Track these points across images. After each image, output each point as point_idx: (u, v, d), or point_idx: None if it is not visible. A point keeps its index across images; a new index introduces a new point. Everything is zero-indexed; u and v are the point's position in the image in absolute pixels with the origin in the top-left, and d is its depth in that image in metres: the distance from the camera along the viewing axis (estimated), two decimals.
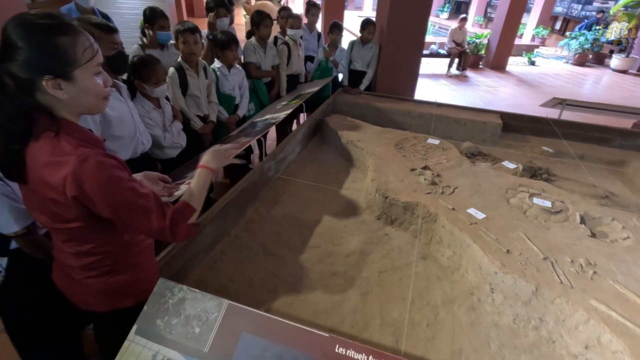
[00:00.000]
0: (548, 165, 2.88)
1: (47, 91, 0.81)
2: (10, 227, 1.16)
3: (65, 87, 0.83)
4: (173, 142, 2.18)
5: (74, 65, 0.83)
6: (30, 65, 0.79)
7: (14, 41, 0.77)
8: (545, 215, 1.98)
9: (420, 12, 3.52)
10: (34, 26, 0.78)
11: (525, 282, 1.53)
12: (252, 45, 3.07)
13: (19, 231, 1.18)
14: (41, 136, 0.84)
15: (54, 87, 0.81)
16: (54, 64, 0.80)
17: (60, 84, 0.82)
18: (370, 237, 2.07)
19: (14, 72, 0.78)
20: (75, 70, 0.83)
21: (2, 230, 1.17)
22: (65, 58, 0.81)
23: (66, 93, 0.83)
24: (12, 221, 1.15)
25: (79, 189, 0.82)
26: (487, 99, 6.39)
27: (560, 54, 10.90)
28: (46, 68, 0.80)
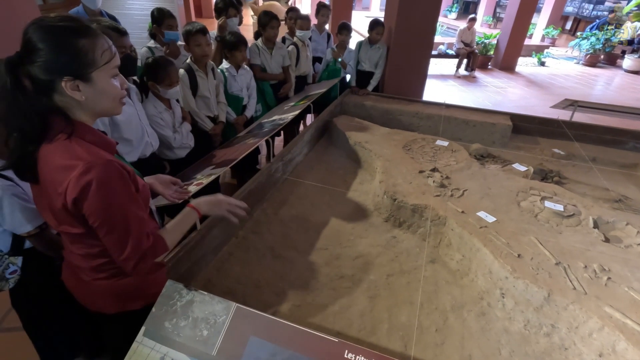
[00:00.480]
0: (559, 168, 2.83)
1: (66, 93, 0.82)
2: (23, 227, 1.18)
3: (83, 89, 0.83)
4: (182, 142, 2.19)
5: (92, 67, 0.83)
6: (50, 67, 0.79)
7: (35, 43, 0.78)
8: (557, 219, 1.95)
9: (430, 12, 3.49)
10: (54, 28, 0.79)
11: (537, 287, 1.50)
12: (256, 47, 3.06)
13: (32, 231, 1.19)
14: (55, 138, 0.84)
15: (73, 89, 0.82)
16: (73, 66, 0.81)
17: (79, 85, 0.83)
18: (378, 240, 2.05)
19: (34, 74, 0.79)
20: (93, 72, 0.84)
21: (16, 230, 1.18)
22: (84, 60, 0.82)
23: (84, 95, 0.84)
24: (24, 221, 1.17)
25: (79, 192, 0.82)
26: (496, 100, 6.32)
27: (571, 55, 10.75)
28: (65, 69, 0.80)
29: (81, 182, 0.81)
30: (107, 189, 0.85)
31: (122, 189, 0.89)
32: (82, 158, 0.83)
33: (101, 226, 0.87)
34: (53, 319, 1.45)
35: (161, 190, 1.23)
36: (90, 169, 0.82)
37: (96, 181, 0.82)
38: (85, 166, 0.82)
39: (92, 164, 0.82)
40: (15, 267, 1.28)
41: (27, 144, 0.84)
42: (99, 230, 0.88)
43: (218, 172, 1.79)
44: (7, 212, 1.14)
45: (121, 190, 0.88)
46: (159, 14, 2.67)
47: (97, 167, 0.83)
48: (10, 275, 1.28)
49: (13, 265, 1.28)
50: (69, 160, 0.82)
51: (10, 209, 1.14)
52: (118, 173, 0.87)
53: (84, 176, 0.81)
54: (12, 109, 0.79)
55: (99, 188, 0.83)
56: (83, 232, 0.91)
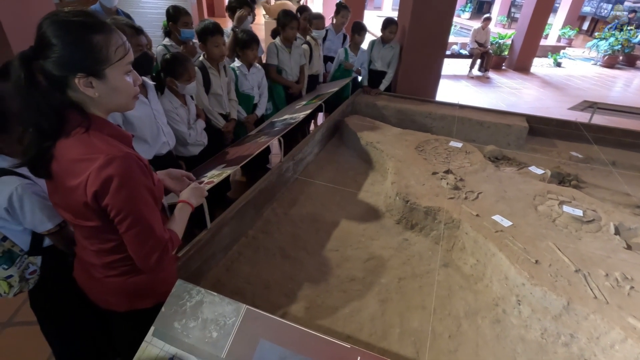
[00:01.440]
0: (577, 172, 2.75)
1: (78, 89, 0.81)
2: (43, 226, 1.17)
3: (96, 86, 0.82)
4: (196, 139, 2.19)
5: (106, 63, 0.82)
6: (64, 63, 0.78)
7: (49, 38, 0.76)
8: (576, 224, 1.88)
9: (444, 11, 3.42)
10: (69, 23, 0.77)
11: (556, 295, 1.45)
12: (275, 47, 3.04)
13: (52, 229, 1.18)
14: (72, 133, 0.83)
15: (86, 85, 0.81)
16: (86, 62, 0.79)
17: (92, 82, 0.81)
18: (390, 242, 2.01)
19: (48, 69, 0.78)
20: (107, 68, 0.82)
21: (37, 228, 1.17)
22: (98, 56, 0.80)
23: (97, 91, 0.83)
24: (45, 219, 1.16)
25: (101, 185, 0.81)
26: (510, 101, 6.19)
27: (588, 56, 10.49)
28: (79, 66, 0.79)
29: (102, 175, 0.80)
30: (130, 182, 0.84)
31: (142, 181, 0.88)
32: (102, 151, 0.81)
33: (123, 220, 0.86)
34: (71, 322, 1.45)
35: (172, 186, 1.22)
36: (111, 161, 0.81)
37: (118, 174, 0.81)
38: (105, 159, 0.80)
39: (112, 156, 0.81)
40: (34, 267, 1.28)
41: (43, 139, 0.82)
42: (121, 224, 0.87)
43: (229, 170, 1.78)
44: (27, 211, 1.13)
45: (142, 183, 0.87)
46: (174, 12, 2.67)
47: (118, 160, 0.81)
48: (30, 275, 1.28)
49: (32, 265, 1.28)
50: (88, 153, 0.81)
51: (31, 208, 1.13)
52: (138, 166, 0.86)
53: (105, 169, 0.80)
54: (27, 104, 0.78)
55: (121, 181, 0.82)
56: (99, 225, 0.90)
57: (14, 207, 1.11)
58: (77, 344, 1.51)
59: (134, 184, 0.86)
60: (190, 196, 1.14)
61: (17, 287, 1.27)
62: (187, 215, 1.11)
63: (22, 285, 1.28)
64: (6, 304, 1.96)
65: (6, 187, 1.09)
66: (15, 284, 1.26)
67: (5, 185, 1.10)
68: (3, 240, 1.20)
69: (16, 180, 1.11)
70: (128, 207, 0.86)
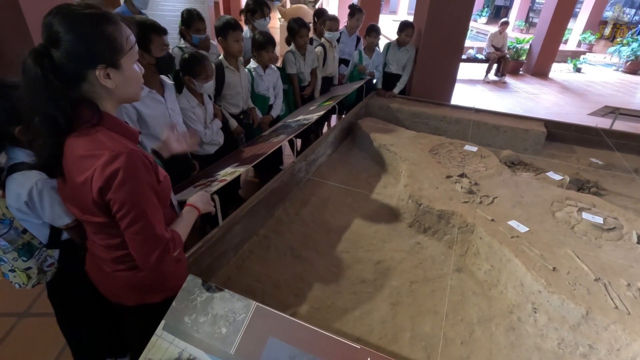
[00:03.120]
0: (597, 178, 2.67)
1: (97, 82, 0.81)
2: (61, 220, 1.19)
3: (113, 76, 0.83)
4: (212, 139, 2.21)
5: (121, 53, 0.83)
6: (81, 57, 0.78)
7: (62, 34, 0.76)
8: (596, 232, 1.82)
9: (461, 14, 3.38)
10: (81, 17, 0.78)
11: (574, 304, 1.40)
12: (292, 56, 3.07)
13: (70, 223, 1.21)
14: (80, 129, 0.84)
15: (105, 77, 0.82)
16: (104, 53, 0.80)
17: (110, 73, 0.82)
18: (402, 245, 1.98)
19: (62, 64, 0.78)
20: (122, 58, 0.83)
21: (55, 222, 1.20)
22: (114, 46, 0.81)
23: (114, 82, 0.84)
24: (63, 214, 1.18)
25: (105, 181, 0.81)
26: (527, 106, 6.07)
27: (610, 61, 10.23)
28: (98, 58, 0.80)
29: (107, 171, 0.81)
30: (133, 178, 0.84)
31: (146, 179, 0.88)
32: (107, 147, 0.82)
33: (125, 216, 0.86)
34: (85, 314, 1.47)
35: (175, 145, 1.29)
36: (116, 158, 0.81)
37: (122, 170, 0.81)
38: (110, 155, 0.81)
39: (117, 153, 0.81)
40: (52, 260, 1.31)
41: (57, 136, 0.83)
42: (122, 220, 0.87)
43: (241, 169, 1.79)
44: (47, 205, 1.15)
45: (145, 180, 0.87)
46: (188, 16, 2.71)
47: (122, 156, 0.82)
48: (47, 267, 1.31)
49: (50, 257, 1.31)
50: (93, 149, 0.82)
51: (50, 202, 1.15)
52: (142, 162, 0.86)
53: (109, 165, 0.81)
54: (41, 101, 0.78)
55: (125, 177, 0.82)
56: (106, 221, 0.90)
57: (33, 201, 1.13)
58: (91, 336, 1.53)
59: (137, 181, 0.85)
60: (198, 201, 1.14)
61: (36, 278, 1.30)
62: (193, 219, 1.11)
63: (40, 277, 1.31)
64: (24, 295, 2.01)
65: (27, 181, 1.12)
66: (34, 275, 1.29)
67: (26, 179, 1.12)
68: (23, 233, 1.24)
69: (36, 175, 1.13)
70: (130, 203, 0.85)
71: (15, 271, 1.27)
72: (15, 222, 1.21)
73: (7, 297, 2.02)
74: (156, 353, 1.00)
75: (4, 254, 1.23)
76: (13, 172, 1.14)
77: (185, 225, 1.06)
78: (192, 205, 1.11)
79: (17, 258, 1.24)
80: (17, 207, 1.15)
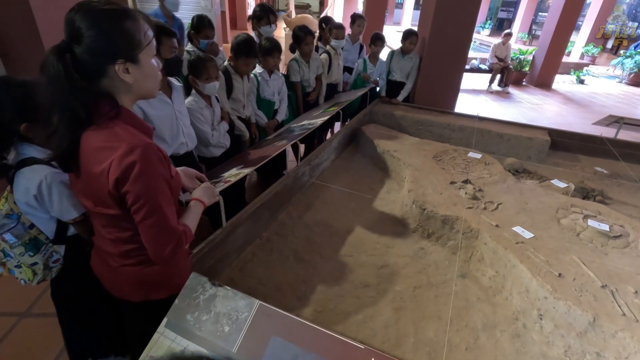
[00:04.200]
0: (602, 187, 2.65)
1: (117, 76, 0.83)
2: (69, 214, 1.20)
3: (132, 71, 0.85)
4: (219, 141, 2.23)
5: (139, 48, 0.85)
6: (102, 52, 0.80)
7: (83, 29, 0.79)
8: (602, 239, 1.80)
9: (465, 24, 3.42)
10: (101, 12, 0.80)
11: (581, 310, 1.38)
12: (296, 64, 3.11)
13: (77, 217, 1.21)
14: (98, 122, 0.85)
15: (124, 72, 0.83)
16: (125, 48, 0.82)
17: (128, 67, 0.84)
18: (405, 251, 1.97)
19: (84, 59, 0.80)
20: (140, 53, 0.85)
21: (63, 217, 1.21)
22: (133, 41, 0.83)
23: (133, 77, 0.85)
24: (71, 208, 1.19)
25: (122, 173, 0.82)
26: (531, 116, 6.08)
27: (613, 73, 10.26)
28: (117, 53, 0.82)
29: (124, 162, 0.82)
30: (149, 171, 0.85)
31: (161, 172, 0.89)
32: (125, 140, 0.83)
33: (140, 208, 0.87)
34: (87, 312, 1.46)
35: (186, 184, 1.24)
36: (133, 150, 0.82)
37: (139, 163, 0.83)
38: (127, 147, 0.82)
39: (134, 145, 0.83)
40: (58, 256, 1.31)
41: (76, 128, 0.85)
42: (137, 213, 0.88)
43: (246, 171, 1.79)
44: (55, 199, 1.16)
45: (160, 173, 0.89)
46: (198, 22, 2.77)
47: (139, 149, 0.83)
48: (53, 264, 1.32)
49: (56, 254, 1.31)
50: (111, 142, 0.83)
51: (59, 196, 1.16)
52: (157, 156, 0.88)
53: (126, 157, 0.82)
54: (63, 95, 0.80)
55: (141, 169, 0.83)
56: (118, 214, 0.91)
57: (42, 194, 1.14)
58: (91, 335, 1.52)
59: (153, 174, 0.87)
60: (202, 195, 1.15)
61: (41, 275, 1.30)
62: (199, 213, 1.13)
63: (46, 273, 1.31)
64: (25, 295, 2.01)
65: (36, 176, 1.13)
66: (40, 271, 1.29)
67: (35, 173, 1.14)
68: (30, 228, 1.24)
69: (46, 169, 1.14)
70: (146, 196, 0.87)
71: (21, 267, 1.27)
72: (23, 217, 1.22)
73: (9, 296, 2.02)
74: (158, 350, 0.99)
75: (11, 248, 1.23)
76: (22, 167, 1.15)
77: (193, 219, 1.07)
78: (197, 199, 1.12)
79: (23, 253, 1.24)
80: (26, 201, 1.16)
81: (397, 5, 20.42)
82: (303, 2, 17.58)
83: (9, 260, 1.26)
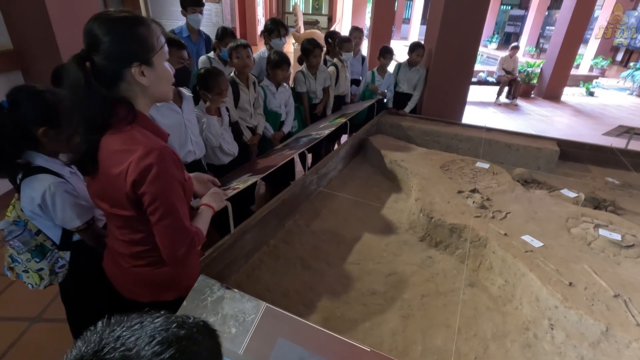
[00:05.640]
0: (614, 198, 2.61)
1: (133, 79, 0.88)
2: (72, 223, 1.23)
3: (147, 74, 0.89)
4: (227, 149, 2.28)
5: (153, 51, 0.90)
6: (118, 56, 0.85)
7: (100, 36, 0.84)
8: (614, 248, 1.77)
9: (471, 37, 3.46)
10: (116, 20, 0.85)
11: (593, 320, 1.35)
12: (302, 75, 3.18)
13: (81, 226, 1.25)
14: (116, 126, 0.89)
15: (140, 74, 0.88)
16: (140, 52, 0.87)
17: (144, 70, 0.89)
18: (413, 259, 1.96)
19: (103, 66, 0.85)
20: (154, 56, 0.90)
21: (66, 225, 1.24)
22: (147, 45, 0.88)
23: (148, 79, 0.90)
24: (74, 217, 1.22)
25: (140, 174, 0.86)
26: (540, 127, 6.04)
27: (623, 86, 10.17)
28: (133, 57, 0.86)
29: (141, 165, 0.85)
30: (165, 173, 0.88)
31: (176, 175, 0.92)
32: (142, 143, 0.87)
33: (156, 210, 0.90)
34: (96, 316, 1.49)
35: (197, 189, 1.27)
36: (150, 152, 0.86)
37: (156, 165, 0.86)
38: (145, 150, 0.86)
39: (151, 148, 0.87)
40: (63, 262, 1.35)
41: (95, 132, 0.89)
42: (153, 214, 0.90)
43: (254, 178, 1.82)
44: (59, 208, 1.20)
45: (176, 176, 0.92)
46: (222, 33, 2.96)
47: (156, 152, 0.87)
48: (59, 269, 1.35)
49: (62, 259, 1.34)
50: (128, 144, 0.87)
51: (62, 205, 1.20)
52: (173, 159, 0.91)
53: (144, 159, 0.85)
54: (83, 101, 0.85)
55: (158, 172, 0.87)
56: (133, 215, 0.94)
57: (46, 203, 1.18)
58: None
59: (169, 176, 0.90)
60: (211, 200, 1.18)
61: (47, 279, 1.33)
62: (209, 218, 1.15)
63: (52, 278, 1.34)
64: (37, 301, 2.04)
65: (41, 185, 1.17)
66: (46, 276, 1.32)
67: (40, 182, 1.17)
68: (36, 235, 1.28)
69: (50, 179, 1.18)
70: (162, 197, 0.90)
71: (28, 272, 1.31)
72: (30, 224, 1.26)
73: (21, 301, 2.05)
74: None
75: (18, 254, 1.27)
76: (28, 175, 1.19)
77: (203, 223, 1.09)
78: (206, 204, 1.14)
79: (30, 259, 1.28)
80: (31, 209, 1.20)
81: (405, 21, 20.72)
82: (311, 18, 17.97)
83: (16, 265, 1.29)
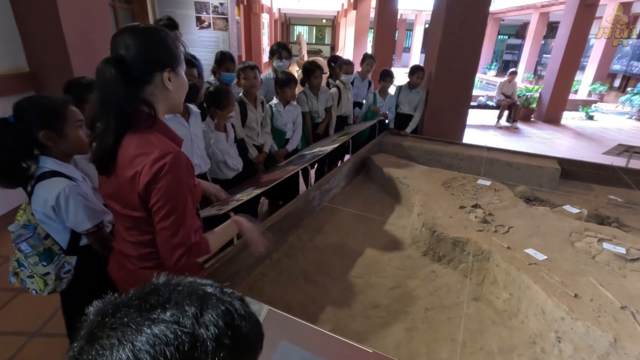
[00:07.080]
0: (617, 215, 2.60)
1: (161, 84, 0.94)
2: (84, 225, 1.26)
3: (173, 80, 0.96)
4: (232, 164, 2.32)
5: (178, 60, 0.97)
6: (154, 59, 0.92)
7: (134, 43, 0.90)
8: (619, 262, 1.76)
9: (468, 59, 3.58)
10: (147, 29, 0.93)
11: (601, 331, 1.33)
12: (304, 96, 3.31)
13: (91, 229, 1.27)
14: (136, 129, 0.94)
15: (168, 80, 0.94)
16: (170, 59, 0.95)
17: (171, 77, 0.95)
18: (416, 273, 1.95)
19: (135, 66, 0.90)
20: (179, 65, 0.97)
21: (77, 227, 1.27)
22: (175, 54, 0.96)
23: (172, 86, 0.96)
24: (86, 219, 1.25)
25: (153, 176, 0.89)
26: (541, 149, 6.08)
27: (622, 110, 10.31)
28: (166, 62, 0.93)
29: (155, 166, 0.89)
30: (176, 177, 0.92)
31: (187, 180, 0.96)
32: (157, 146, 0.92)
33: (161, 208, 0.92)
34: None
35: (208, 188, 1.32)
36: (164, 156, 0.90)
37: (168, 165, 0.90)
38: (160, 153, 0.90)
39: (166, 152, 0.91)
40: (69, 267, 1.36)
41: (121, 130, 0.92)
42: (157, 213, 0.93)
43: (258, 191, 1.85)
44: (71, 210, 1.23)
45: (186, 181, 0.95)
46: (221, 57, 3.04)
47: (170, 156, 0.91)
48: (64, 274, 1.36)
49: (68, 264, 1.35)
50: (145, 148, 0.91)
51: (75, 207, 1.23)
52: (185, 165, 0.95)
53: (158, 162, 0.89)
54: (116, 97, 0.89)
55: (169, 172, 0.90)
56: (143, 216, 0.97)
57: (60, 205, 1.21)
58: None
59: (179, 179, 0.93)
60: (244, 221, 1.16)
61: (52, 285, 1.34)
62: (230, 235, 1.15)
63: (57, 284, 1.35)
64: (37, 315, 2.02)
65: (55, 187, 1.21)
66: (51, 282, 1.33)
67: (54, 185, 1.21)
68: (45, 239, 1.30)
69: (64, 181, 1.22)
70: (167, 197, 0.92)
71: (33, 277, 1.32)
72: (39, 228, 1.28)
73: (21, 316, 2.04)
74: None
75: (25, 258, 1.29)
76: (42, 179, 1.23)
77: (218, 237, 1.09)
78: (235, 220, 1.14)
79: (37, 263, 1.29)
80: (43, 212, 1.22)
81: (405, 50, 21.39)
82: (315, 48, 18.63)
83: (22, 270, 1.31)
